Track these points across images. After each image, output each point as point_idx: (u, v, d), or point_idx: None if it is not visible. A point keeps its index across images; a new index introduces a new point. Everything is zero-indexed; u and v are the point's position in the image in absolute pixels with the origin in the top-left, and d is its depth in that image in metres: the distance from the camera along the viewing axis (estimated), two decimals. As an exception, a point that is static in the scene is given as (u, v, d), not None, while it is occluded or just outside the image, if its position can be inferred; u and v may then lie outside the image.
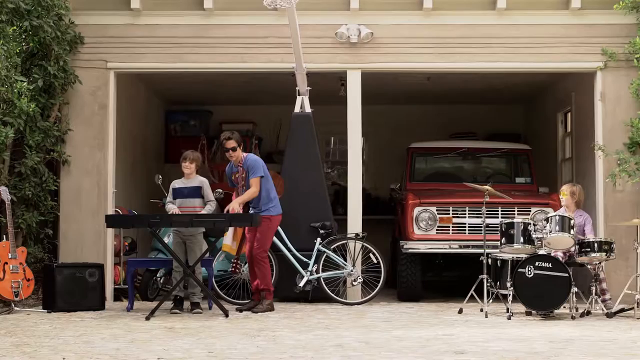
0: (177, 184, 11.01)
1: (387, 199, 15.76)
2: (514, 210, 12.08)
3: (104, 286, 11.34)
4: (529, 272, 10.11)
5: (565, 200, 10.90)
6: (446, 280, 14.08)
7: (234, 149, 10.84)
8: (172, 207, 10.80)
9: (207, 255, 11.12)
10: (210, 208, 10.82)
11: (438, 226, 12.22)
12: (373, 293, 11.76)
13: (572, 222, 10.32)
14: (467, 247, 12.09)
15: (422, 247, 12.18)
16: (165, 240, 11.92)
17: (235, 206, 10.68)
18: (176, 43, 12.43)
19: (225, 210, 10.71)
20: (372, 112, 16.49)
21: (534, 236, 10.31)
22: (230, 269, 11.64)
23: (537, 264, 10.12)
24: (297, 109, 12.40)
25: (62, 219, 12.24)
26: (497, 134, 16.48)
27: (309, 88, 12.37)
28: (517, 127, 17.24)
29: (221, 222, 10.51)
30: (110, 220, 10.81)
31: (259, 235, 10.84)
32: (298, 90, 12.37)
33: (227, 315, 10.25)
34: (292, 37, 11.52)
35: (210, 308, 10.99)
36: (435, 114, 17.15)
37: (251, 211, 10.90)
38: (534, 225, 10.36)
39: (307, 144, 12.22)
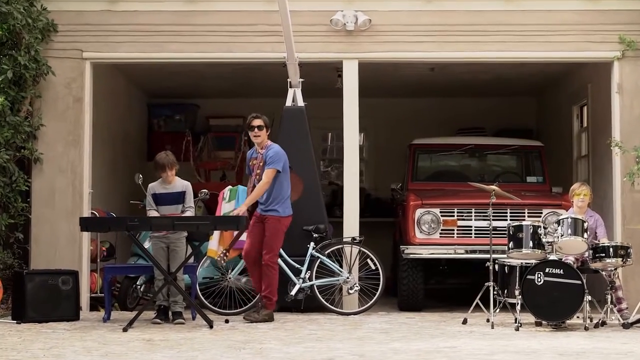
0: (156, 189, 10.92)
1: (389, 199, 15.73)
2: (524, 212, 12.06)
3: (79, 295, 11.31)
4: (539, 279, 10.09)
5: (584, 201, 10.84)
6: (451, 288, 14.07)
7: (259, 127, 10.93)
8: (152, 213, 10.78)
9: (191, 261, 11.12)
10: (190, 213, 10.81)
11: (442, 229, 12.22)
12: (370, 302, 11.74)
13: (585, 224, 10.29)
14: (474, 252, 12.07)
15: (424, 252, 12.17)
16: (146, 245, 11.92)
17: (243, 209, 10.80)
18: (157, 31, 12.39)
19: (235, 213, 10.85)
20: (372, 106, 16.45)
21: (544, 240, 10.27)
22: (217, 258, 11.52)
23: (547, 270, 10.09)
24: (288, 102, 12.40)
25: (34, 221, 12.21)
26: (508, 130, 16.43)
27: (301, 80, 12.36)
28: (529, 122, 17.22)
29: (205, 226, 10.50)
30: (85, 223, 10.77)
31: (267, 238, 10.87)
32: (290, 82, 12.35)
33: (211, 326, 10.24)
34: (282, 24, 11.50)
35: (193, 318, 10.97)
36: (441, 108, 17.12)
37: (259, 208, 10.91)
38: (544, 228, 10.33)
39: (299, 140, 12.19)
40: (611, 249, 10.31)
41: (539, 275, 10.09)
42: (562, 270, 10.09)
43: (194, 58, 12.64)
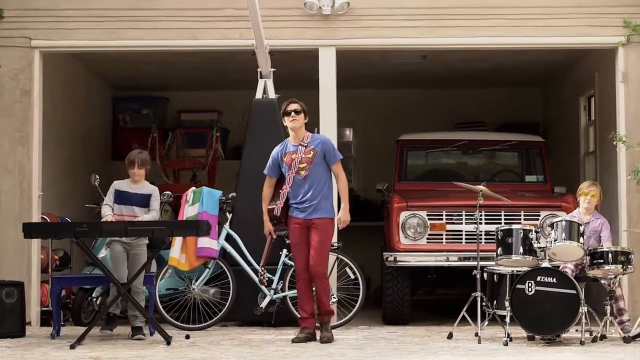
0: (121, 186, 10.86)
1: (381, 201, 15.67)
2: (520, 215, 12.01)
3: (24, 308, 11.26)
4: (530, 289, 10.01)
5: (591, 202, 10.74)
6: (440, 299, 14.00)
7: (297, 111, 10.42)
8: (107, 213, 10.72)
9: (153, 270, 11.07)
10: (154, 216, 10.77)
11: (429, 234, 12.16)
12: (349, 315, 11.69)
13: (581, 228, 10.22)
14: (466, 259, 12.00)
15: (410, 260, 12.11)
16: (102, 253, 11.87)
17: (347, 218, 10.46)
18: (113, 16, 12.37)
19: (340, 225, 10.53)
20: (362, 98, 16.47)
21: (535, 245, 10.19)
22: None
23: (539, 278, 10.01)
24: (259, 95, 12.37)
25: (-22, 227, 12.21)
26: (511, 124, 16.40)
27: (273, 69, 12.32)
28: (534, 115, 17.18)
29: (161, 231, 10.45)
30: (29, 229, 10.65)
31: (319, 246, 10.35)
32: (260, 72, 12.32)
33: (168, 343, 10.19)
34: (249, 7, 11.43)
35: (151, 334, 10.92)
36: (438, 101, 17.11)
37: (300, 213, 10.44)
38: (536, 232, 10.26)
39: (270, 137, 12.07)
40: (610, 255, 10.22)
41: (530, 285, 10.01)
42: (555, 279, 10.01)
43: (154, 46, 12.61)
